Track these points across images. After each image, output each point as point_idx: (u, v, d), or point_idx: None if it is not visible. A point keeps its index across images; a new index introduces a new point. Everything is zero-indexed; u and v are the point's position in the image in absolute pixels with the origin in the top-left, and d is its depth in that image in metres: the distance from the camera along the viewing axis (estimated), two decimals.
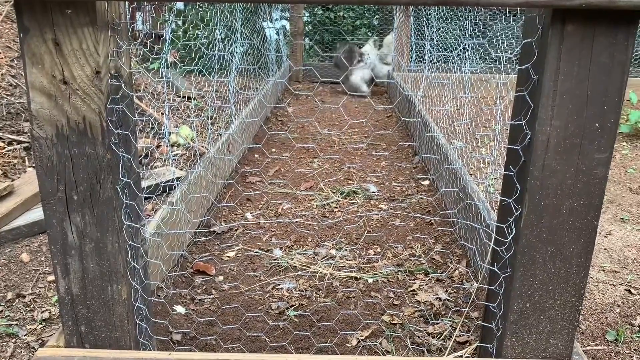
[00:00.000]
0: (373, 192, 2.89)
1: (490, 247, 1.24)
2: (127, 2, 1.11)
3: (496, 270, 1.20)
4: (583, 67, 1.01)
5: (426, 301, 1.88)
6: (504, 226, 1.15)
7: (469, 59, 2.87)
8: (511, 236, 1.13)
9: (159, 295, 1.87)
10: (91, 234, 1.15)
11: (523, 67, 1.07)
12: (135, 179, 1.18)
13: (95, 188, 1.12)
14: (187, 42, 4.35)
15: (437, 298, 1.89)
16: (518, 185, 1.10)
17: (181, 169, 2.99)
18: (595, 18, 0.97)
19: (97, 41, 1.04)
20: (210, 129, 3.56)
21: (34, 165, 2.56)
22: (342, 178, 3.11)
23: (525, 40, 1.06)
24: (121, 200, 1.13)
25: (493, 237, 1.22)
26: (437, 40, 4.03)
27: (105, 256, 1.17)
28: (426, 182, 3.05)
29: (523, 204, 1.09)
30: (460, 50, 3.06)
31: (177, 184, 2.24)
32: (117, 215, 1.14)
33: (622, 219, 2.57)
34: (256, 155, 3.54)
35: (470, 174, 2.66)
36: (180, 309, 1.83)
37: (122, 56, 1.12)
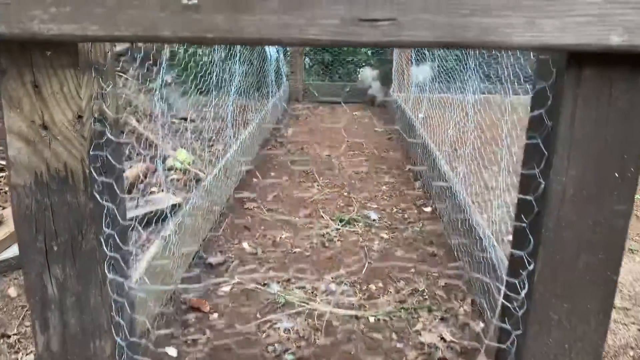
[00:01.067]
0: (374, 219, 2.82)
1: (499, 303, 1.17)
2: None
3: (508, 327, 1.11)
4: (601, 114, 0.94)
5: (430, 343, 1.79)
6: (517, 281, 1.08)
7: (472, 87, 2.81)
8: (524, 292, 1.05)
9: (150, 338, 1.79)
10: (72, 288, 1.07)
11: (536, 113, 1.00)
12: (120, 230, 1.10)
13: (77, 239, 1.05)
14: (186, 62, 4.30)
15: (441, 339, 1.81)
16: (531, 238, 1.03)
17: (176, 194, 2.91)
18: (614, 62, 0.91)
19: (79, 84, 0.97)
20: (209, 152, 3.49)
21: None
22: (342, 204, 3.03)
23: (539, 86, 0.99)
24: (104, 252, 1.05)
25: (502, 291, 1.14)
26: (438, 65, 3.99)
27: (87, 311, 1.09)
28: (428, 209, 2.98)
29: (537, 257, 1.01)
30: (464, 78, 3.00)
31: (171, 215, 2.16)
32: (100, 268, 1.06)
33: (631, 249, 2.49)
34: (254, 180, 3.47)
35: (473, 202, 2.58)
36: (172, 351, 1.74)
37: (107, 98, 1.05)
